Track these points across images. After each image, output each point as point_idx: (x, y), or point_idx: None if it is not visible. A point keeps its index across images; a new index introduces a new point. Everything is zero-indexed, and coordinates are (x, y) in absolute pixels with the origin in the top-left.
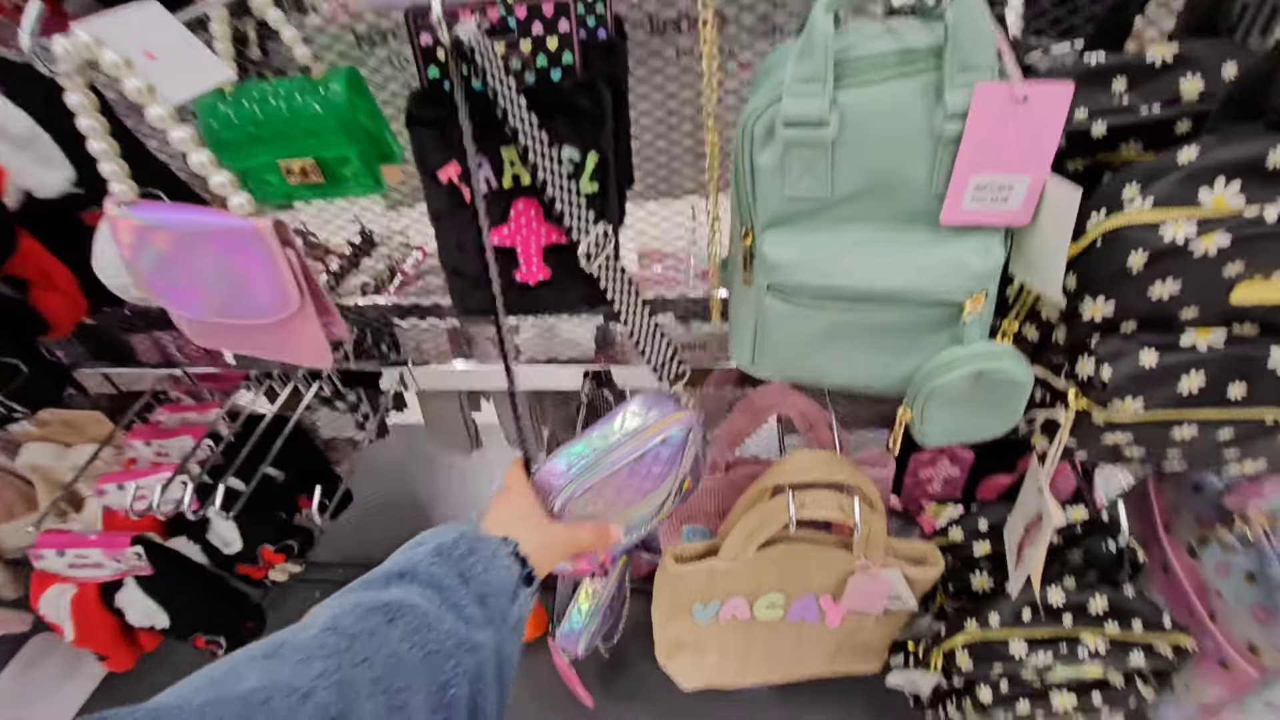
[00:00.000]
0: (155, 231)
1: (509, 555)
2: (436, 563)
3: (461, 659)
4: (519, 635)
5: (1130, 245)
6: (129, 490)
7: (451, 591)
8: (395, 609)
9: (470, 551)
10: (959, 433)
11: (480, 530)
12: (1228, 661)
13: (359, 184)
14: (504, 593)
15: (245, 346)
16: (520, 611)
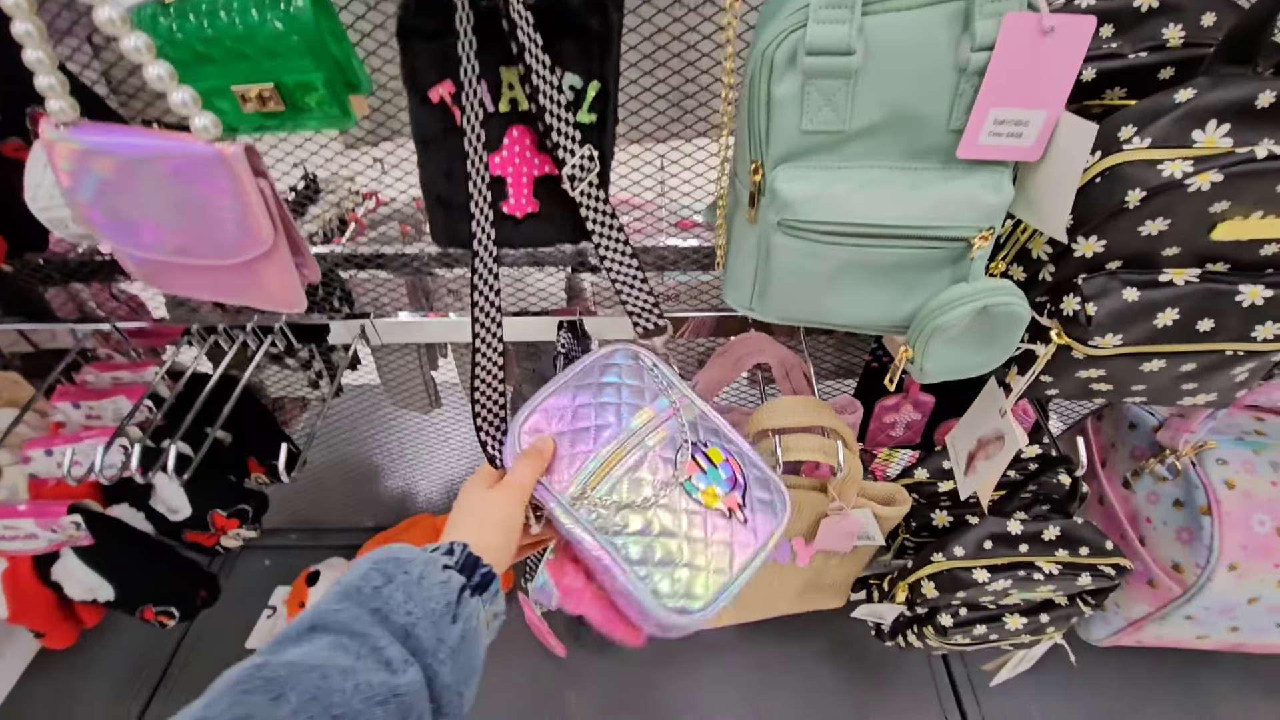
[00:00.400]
0: (101, 157)
1: (441, 569)
2: (344, 607)
3: (372, 714)
4: (469, 651)
5: (1129, 183)
6: (63, 455)
7: (367, 636)
8: (281, 683)
9: (387, 580)
10: (957, 368)
11: (406, 550)
12: (1154, 580)
13: (324, 114)
14: (436, 616)
15: (206, 290)
16: (465, 627)
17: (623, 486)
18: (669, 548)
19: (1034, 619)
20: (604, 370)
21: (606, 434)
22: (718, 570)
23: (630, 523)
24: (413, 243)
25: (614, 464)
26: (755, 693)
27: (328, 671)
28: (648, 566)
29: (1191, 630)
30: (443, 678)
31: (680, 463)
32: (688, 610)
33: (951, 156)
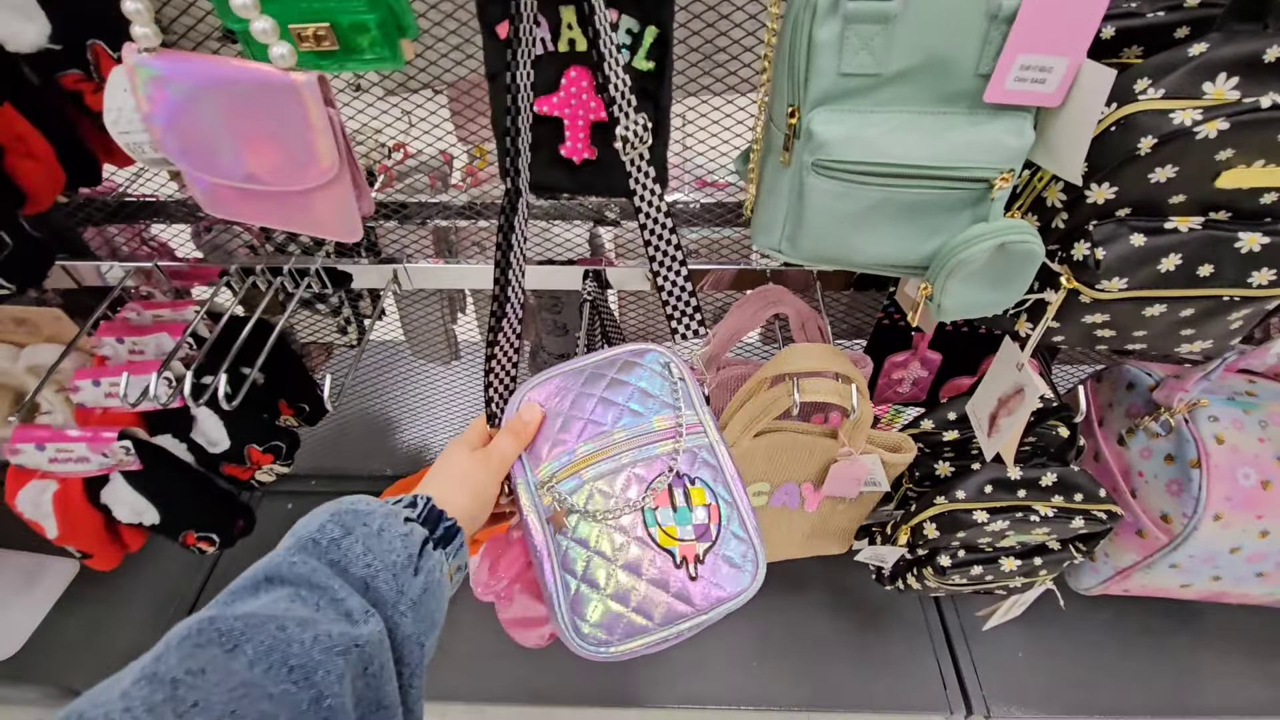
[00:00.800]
0: (179, 84)
1: (402, 521)
2: (299, 559)
3: (332, 664)
4: (431, 603)
5: (1142, 130)
6: (113, 384)
7: (326, 588)
8: (237, 635)
9: (345, 532)
10: (973, 306)
11: (366, 502)
12: (1143, 530)
13: (375, 55)
14: (397, 568)
15: (268, 217)
16: (428, 580)
17: (584, 491)
18: (602, 572)
19: (1028, 562)
20: (627, 367)
21: (590, 432)
22: (638, 612)
23: (578, 529)
24: (439, 194)
25: (584, 466)
26: (755, 642)
27: (284, 622)
28: (578, 580)
29: (1176, 579)
30: (404, 629)
31: (654, 488)
32: (598, 641)
33: (977, 102)
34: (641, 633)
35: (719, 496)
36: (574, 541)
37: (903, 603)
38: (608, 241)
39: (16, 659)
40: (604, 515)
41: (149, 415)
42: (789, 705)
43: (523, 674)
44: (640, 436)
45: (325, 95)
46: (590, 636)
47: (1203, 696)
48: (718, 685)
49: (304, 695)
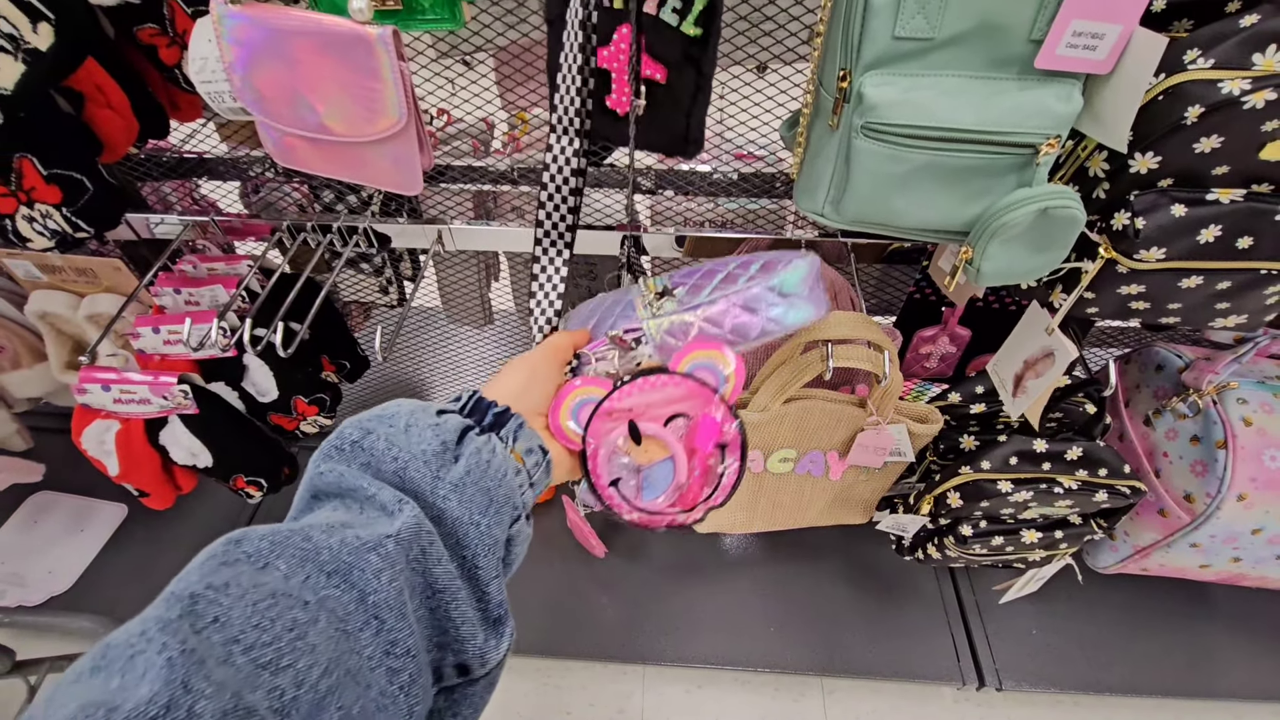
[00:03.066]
0: (260, 35)
1: (434, 415)
2: (327, 468)
3: (365, 562)
4: (480, 484)
5: (1189, 99)
6: (180, 330)
7: (355, 489)
8: (266, 553)
9: (366, 433)
10: (1012, 271)
11: (396, 405)
12: (1165, 509)
13: (436, 14)
14: (429, 455)
15: (335, 167)
16: (471, 463)
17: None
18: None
19: (1049, 535)
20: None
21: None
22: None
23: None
24: (482, 158)
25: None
26: (773, 607)
27: (310, 532)
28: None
29: (1196, 559)
30: (451, 512)
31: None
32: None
33: (1028, 67)
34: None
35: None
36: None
37: (919, 575)
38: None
39: (70, 593)
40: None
41: (203, 363)
42: (803, 670)
43: (540, 628)
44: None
45: (398, 49)
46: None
47: (1215, 679)
48: (733, 647)
49: (347, 597)
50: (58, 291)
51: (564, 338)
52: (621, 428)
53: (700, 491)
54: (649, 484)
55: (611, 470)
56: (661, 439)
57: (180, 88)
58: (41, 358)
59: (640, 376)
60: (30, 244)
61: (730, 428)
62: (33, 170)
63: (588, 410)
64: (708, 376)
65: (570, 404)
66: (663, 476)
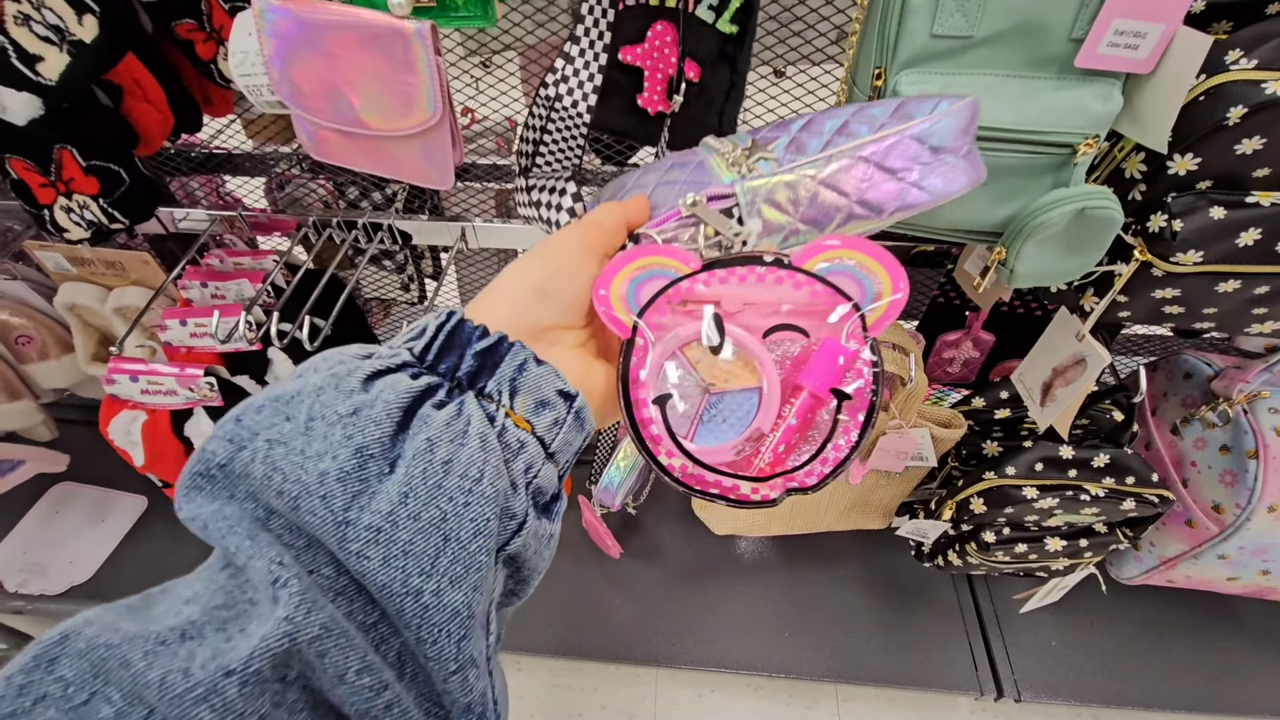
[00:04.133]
0: (300, 28)
1: (360, 382)
2: (190, 514)
3: (192, 714)
4: (431, 510)
5: (1232, 100)
6: (207, 323)
7: (228, 552)
8: (86, 679)
9: (239, 447)
10: (1046, 273)
11: (303, 376)
12: (1193, 520)
13: (469, 12)
14: (335, 480)
15: (368, 161)
16: (413, 473)
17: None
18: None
19: (1073, 543)
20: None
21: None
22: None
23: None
24: (506, 156)
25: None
26: (789, 612)
27: (128, 655)
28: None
29: (1223, 571)
30: (372, 575)
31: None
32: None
33: (1066, 67)
34: None
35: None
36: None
37: (936, 583)
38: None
39: (91, 583)
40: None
41: (229, 357)
42: (817, 676)
43: (553, 628)
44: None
45: (435, 44)
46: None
47: (1238, 695)
48: (748, 652)
49: None
50: (86, 284)
51: (611, 212)
52: (697, 321)
53: (787, 455)
54: (713, 420)
55: (663, 384)
56: (753, 355)
57: (214, 82)
58: (69, 349)
59: (743, 264)
60: (67, 234)
61: (864, 371)
62: (72, 161)
63: (654, 288)
64: (850, 286)
65: (630, 273)
66: (738, 413)
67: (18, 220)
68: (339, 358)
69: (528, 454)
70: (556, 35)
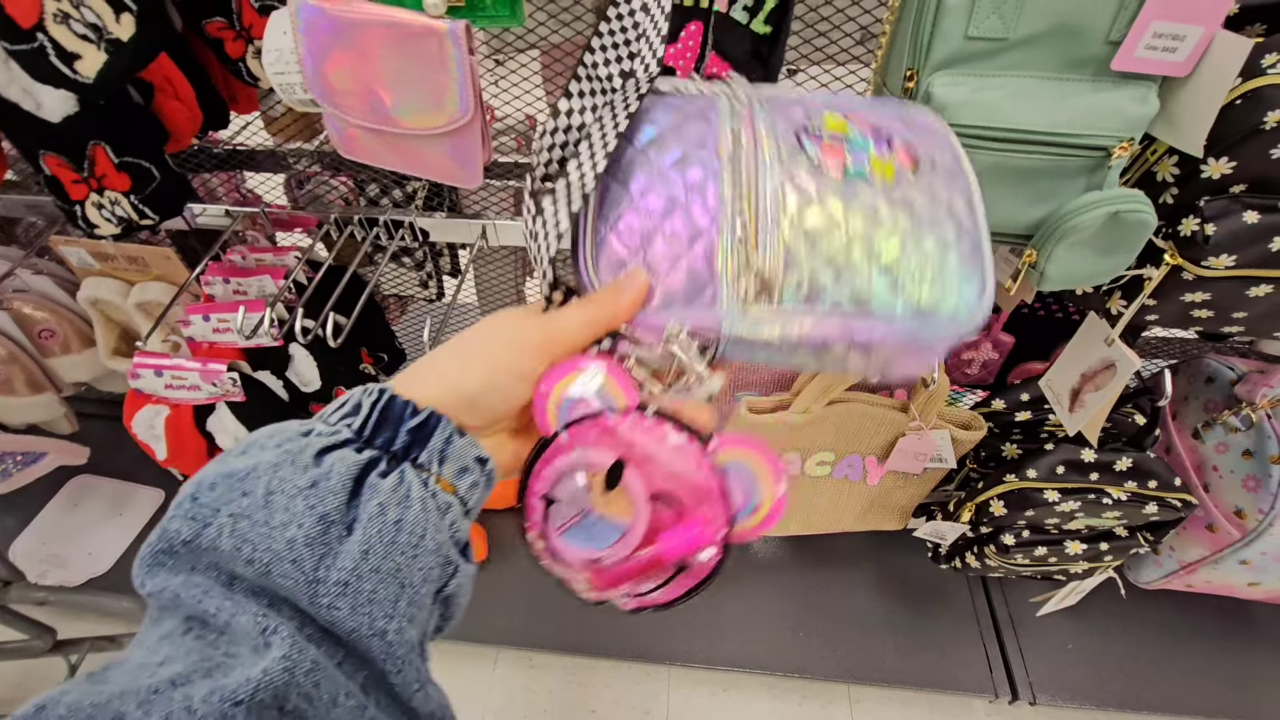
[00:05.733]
0: (333, 25)
1: (312, 459)
2: (156, 588)
3: None
4: (389, 563)
5: (1269, 104)
6: (231, 319)
7: (200, 615)
8: None
9: (203, 525)
10: (1077, 276)
11: (251, 450)
12: (1214, 525)
13: (497, 12)
14: (304, 545)
15: (397, 160)
16: (372, 530)
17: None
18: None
19: (1093, 547)
20: (638, 134)
21: (706, 197)
22: (963, 233)
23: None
24: (526, 154)
25: (751, 211)
26: (803, 613)
27: (122, 708)
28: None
29: (1244, 576)
30: (342, 624)
31: (814, 155)
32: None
33: (1103, 69)
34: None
35: (827, 108)
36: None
37: (952, 586)
38: None
39: (109, 575)
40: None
41: (250, 352)
42: (830, 677)
43: (570, 626)
44: (739, 156)
45: (469, 44)
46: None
47: (1257, 701)
48: (760, 651)
49: None
50: (109, 279)
51: (595, 321)
52: (607, 459)
53: (621, 583)
54: (580, 530)
55: (557, 488)
56: (635, 504)
57: (241, 80)
58: (90, 344)
59: (673, 423)
60: (97, 230)
61: (706, 559)
62: (105, 158)
63: (585, 410)
64: (737, 493)
65: (576, 384)
66: (601, 536)
67: (42, 215)
68: (285, 436)
69: (453, 513)
70: (581, 35)
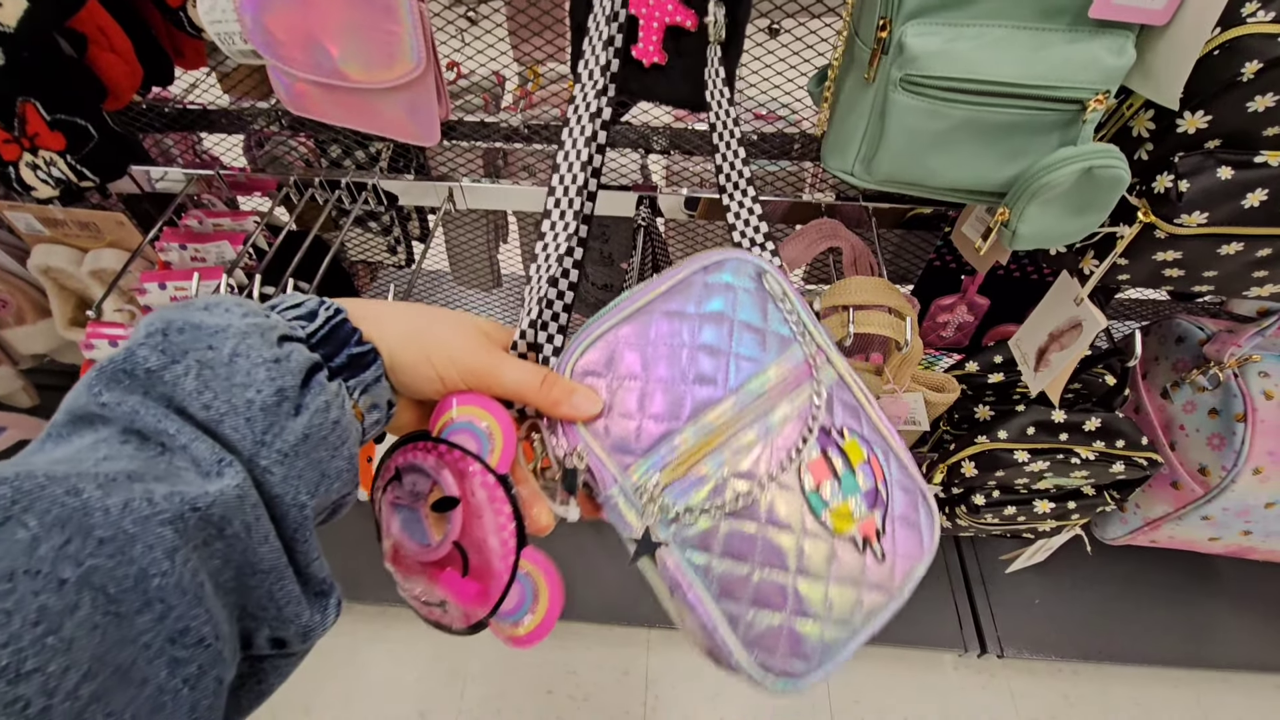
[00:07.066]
0: None
1: (275, 342)
2: (112, 397)
3: (155, 536)
4: (319, 452)
5: (1247, 54)
6: (187, 286)
7: (155, 433)
8: (12, 499)
9: (170, 361)
10: (1049, 235)
11: (218, 310)
12: (1179, 482)
13: None
14: (253, 409)
15: (349, 116)
16: (314, 421)
17: (713, 490)
18: (774, 585)
19: (1061, 505)
20: (707, 292)
21: (705, 395)
22: (838, 622)
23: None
24: (493, 114)
25: (695, 460)
26: None
27: (79, 484)
28: (740, 604)
29: (1206, 531)
30: (272, 486)
31: (806, 460)
32: (789, 674)
33: (1079, 17)
34: (840, 646)
35: (871, 444)
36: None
37: None
38: (657, 170)
39: None
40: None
41: None
42: None
43: None
44: (777, 387)
45: None
46: (786, 672)
47: (1213, 650)
48: None
49: (123, 571)
50: (60, 246)
51: (532, 382)
52: (452, 491)
53: (409, 572)
54: (403, 514)
55: (409, 475)
56: (445, 536)
57: (185, 32)
58: (46, 314)
59: (514, 510)
60: (35, 192)
61: (463, 622)
62: (36, 115)
63: (463, 440)
64: (513, 598)
65: (476, 416)
66: (412, 531)
67: None
68: (251, 309)
69: (355, 437)
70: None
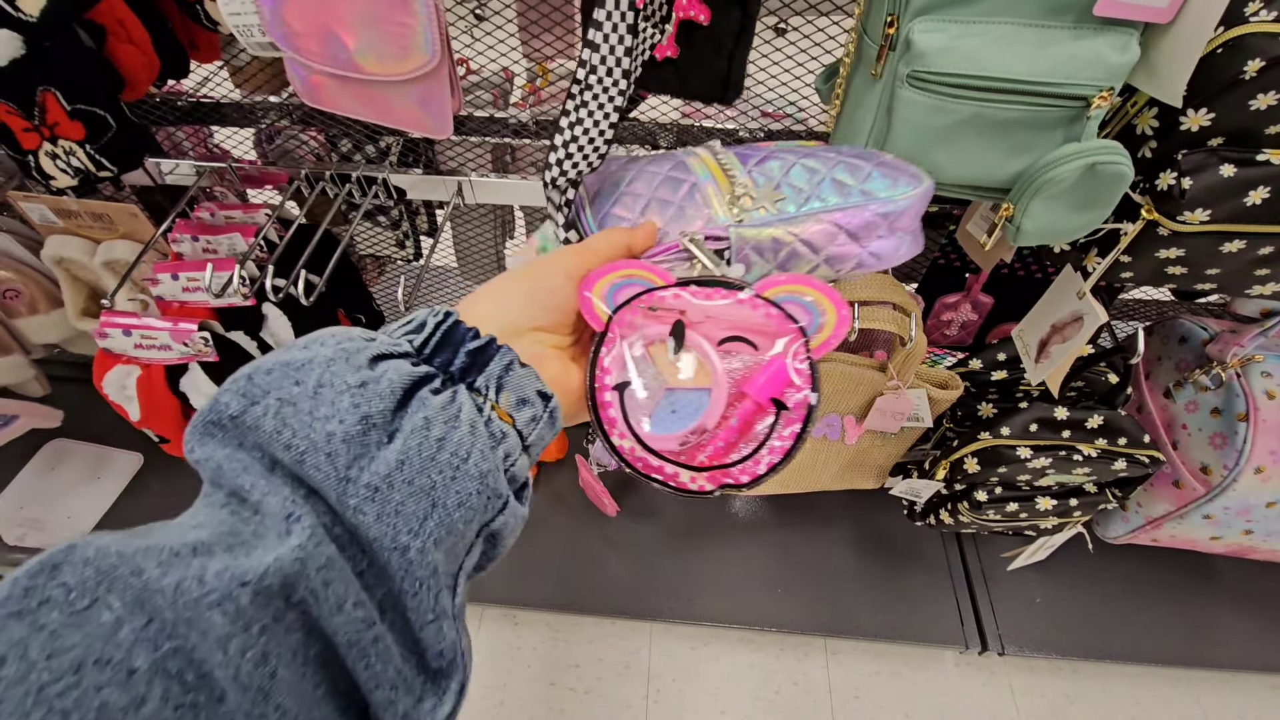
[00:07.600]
0: None
1: (367, 362)
2: (203, 456)
3: (205, 622)
4: (425, 479)
5: (1250, 53)
6: (199, 277)
7: (241, 490)
8: (91, 585)
9: (251, 402)
10: (1052, 230)
11: (314, 344)
12: (1180, 481)
13: None
14: (340, 442)
15: (363, 108)
16: (410, 446)
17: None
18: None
19: (1063, 503)
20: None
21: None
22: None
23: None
24: (502, 110)
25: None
26: (781, 569)
27: (142, 563)
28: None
29: (1207, 530)
30: (366, 529)
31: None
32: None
33: (1084, 14)
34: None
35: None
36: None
37: (925, 541)
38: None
39: None
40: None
41: (223, 312)
42: (807, 631)
43: (550, 583)
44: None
45: None
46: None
47: (1213, 650)
48: (740, 607)
49: (186, 660)
50: (74, 237)
51: (615, 241)
52: (663, 325)
53: (726, 452)
54: (664, 413)
55: (625, 374)
56: (707, 360)
57: (201, 25)
58: (58, 304)
59: (713, 285)
60: (54, 181)
61: (802, 389)
62: (56, 105)
63: (629, 293)
64: (800, 314)
65: (614, 280)
66: (687, 410)
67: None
68: (347, 336)
69: (508, 444)
70: None
